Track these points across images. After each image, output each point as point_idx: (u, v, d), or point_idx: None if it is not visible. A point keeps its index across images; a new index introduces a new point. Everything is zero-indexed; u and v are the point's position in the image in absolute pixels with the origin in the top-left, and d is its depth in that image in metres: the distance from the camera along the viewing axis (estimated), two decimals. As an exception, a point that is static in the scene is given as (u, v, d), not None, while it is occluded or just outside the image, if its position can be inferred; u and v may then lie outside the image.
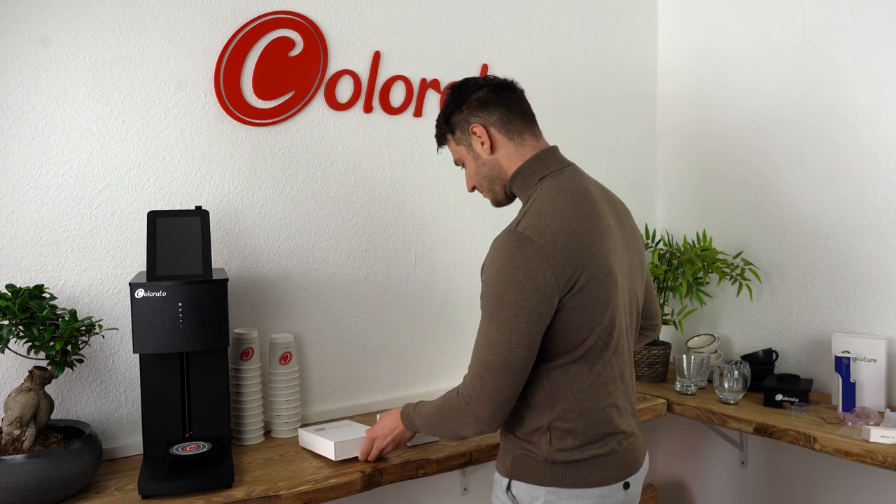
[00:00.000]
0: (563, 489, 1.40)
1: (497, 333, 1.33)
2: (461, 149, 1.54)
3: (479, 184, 1.55)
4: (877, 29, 2.14)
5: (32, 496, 1.43)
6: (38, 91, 1.70)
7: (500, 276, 1.33)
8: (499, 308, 1.33)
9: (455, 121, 1.51)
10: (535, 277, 1.31)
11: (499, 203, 1.58)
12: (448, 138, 1.56)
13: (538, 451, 1.42)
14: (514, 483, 1.46)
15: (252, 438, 1.88)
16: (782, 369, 2.39)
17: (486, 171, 1.51)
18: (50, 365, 1.55)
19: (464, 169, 1.58)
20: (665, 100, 2.78)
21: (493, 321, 1.34)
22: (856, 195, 2.21)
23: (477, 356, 1.37)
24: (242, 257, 1.97)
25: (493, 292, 1.34)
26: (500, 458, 1.52)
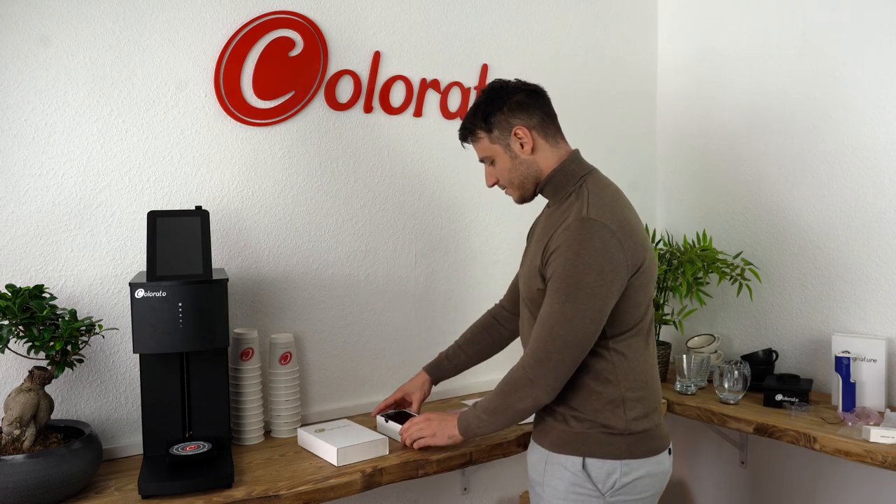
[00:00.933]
0: (633, 460, 1.51)
1: (573, 311, 1.45)
2: (496, 147, 1.61)
3: (510, 181, 1.63)
4: (877, 29, 2.14)
5: (32, 496, 1.43)
6: (38, 91, 1.70)
7: (579, 258, 1.44)
8: (577, 288, 1.45)
9: (495, 121, 1.58)
10: (611, 259, 1.45)
11: (524, 200, 1.68)
12: (481, 136, 1.61)
13: (615, 424, 1.52)
14: (588, 461, 1.52)
15: (252, 438, 1.88)
16: (782, 369, 2.39)
17: (524, 170, 1.61)
18: (50, 365, 1.55)
19: (488, 166, 1.65)
20: (665, 100, 2.78)
21: (570, 300, 1.45)
22: (856, 195, 2.21)
23: (546, 331, 1.47)
24: (242, 257, 1.97)
25: (571, 273, 1.45)
26: (562, 441, 1.55)
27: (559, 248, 1.47)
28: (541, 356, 1.48)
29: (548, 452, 1.57)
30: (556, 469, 1.55)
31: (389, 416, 1.92)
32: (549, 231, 1.55)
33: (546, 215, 1.65)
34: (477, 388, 2.36)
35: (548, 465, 1.57)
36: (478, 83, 2.34)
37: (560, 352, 1.46)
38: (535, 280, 1.56)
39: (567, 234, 1.47)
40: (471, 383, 2.36)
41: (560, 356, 1.47)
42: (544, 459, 1.58)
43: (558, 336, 1.46)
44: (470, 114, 1.63)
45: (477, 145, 1.64)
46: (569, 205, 1.55)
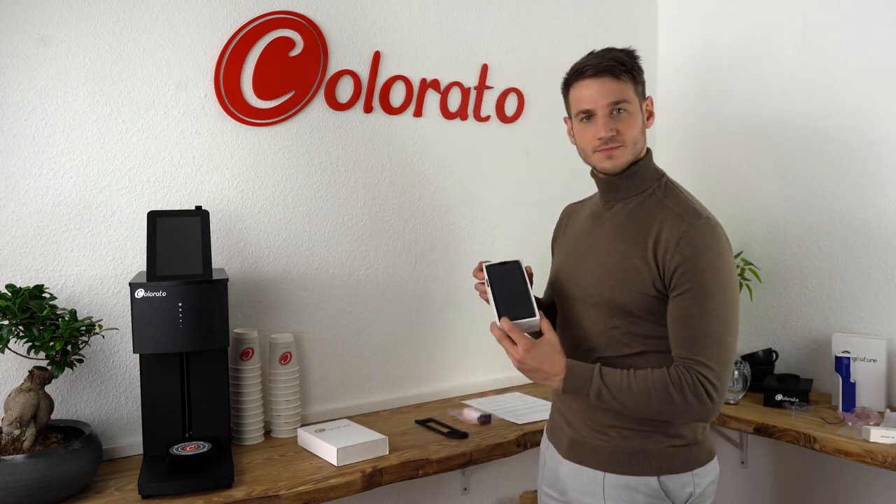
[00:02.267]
0: (700, 468, 1.44)
1: (731, 314, 1.37)
2: (636, 99, 1.45)
3: (634, 139, 1.45)
4: (877, 29, 2.14)
5: (32, 496, 1.43)
6: (38, 91, 1.70)
7: (721, 259, 1.36)
8: (727, 290, 1.36)
9: (641, 79, 1.47)
10: (733, 261, 1.41)
11: (622, 167, 1.46)
12: (628, 81, 1.44)
13: (687, 436, 1.43)
14: (663, 479, 1.41)
15: (252, 438, 1.88)
16: (782, 369, 2.39)
17: (643, 137, 1.49)
18: (50, 365, 1.55)
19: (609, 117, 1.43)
20: (665, 100, 2.78)
21: (726, 303, 1.36)
22: (856, 195, 2.21)
23: (715, 339, 1.34)
24: (242, 257, 1.97)
25: (720, 276, 1.36)
26: (625, 460, 1.43)
27: (696, 252, 1.35)
28: (721, 370, 1.33)
29: (602, 473, 1.43)
30: (623, 493, 1.41)
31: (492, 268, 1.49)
32: (648, 230, 1.41)
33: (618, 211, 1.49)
34: (476, 388, 2.36)
35: (608, 488, 1.43)
36: (478, 83, 2.34)
37: (732, 360, 1.37)
38: (633, 283, 1.40)
39: (696, 234, 1.36)
40: (470, 383, 2.36)
41: (731, 365, 1.37)
42: (598, 482, 1.44)
43: (729, 345, 1.35)
44: (622, 55, 1.45)
45: (619, 85, 1.43)
46: (657, 202, 1.44)
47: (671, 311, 1.38)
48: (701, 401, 1.33)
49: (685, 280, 1.35)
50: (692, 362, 1.34)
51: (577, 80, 1.49)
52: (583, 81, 1.47)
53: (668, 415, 1.38)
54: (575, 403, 1.49)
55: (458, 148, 2.32)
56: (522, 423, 2.01)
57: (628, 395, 1.36)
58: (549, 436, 1.60)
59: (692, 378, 1.33)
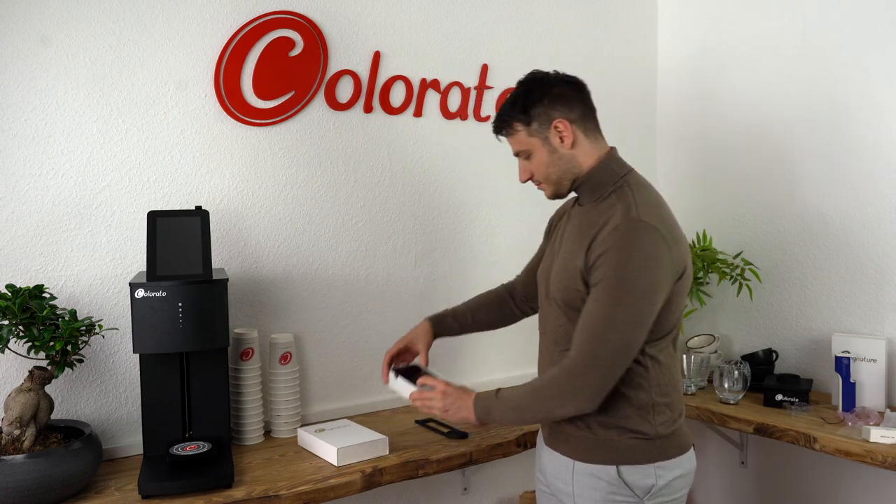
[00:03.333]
0: (666, 461, 1.48)
1: (624, 315, 1.38)
2: (533, 141, 1.52)
3: (545, 177, 1.55)
4: (877, 29, 2.14)
5: (32, 496, 1.43)
6: (38, 91, 1.70)
7: (631, 260, 1.39)
8: (627, 291, 1.38)
9: (535, 113, 1.50)
10: (661, 263, 1.40)
11: (558, 196, 1.59)
12: (518, 129, 1.53)
13: (646, 429, 1.47)
14: (622, 469, 1.46)
15: (252, 438, 1.88)
16: (782, 369, 2.39)
17: (563, 164, 1.53)
18: (50, 365, 1.55)
19: (522, 160, 1.57)
20: (665, 100, 2.78)
21: (620, 303, 1.38)
22: (856, 195, 2.21)
23: (595, 336, 1.40)
24: (242, 257, 1.97)
25: (622, 276, 1.39)
26: (590, 449, 1.49)
27: (609, 250, 1.40)
28: (589, 362, 1.39)
29: (572, 461, 1.50)
30: (588, 479, 1.48)
31: (400, 370, 1.79)
32: (591, 231, 1.47)
33: (580, 213, 1.57)
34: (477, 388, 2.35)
35: (576, 475, 1.50)
36: (478, 83, 2.34)
37: (610, 357, 1.39)
38: (573, 281, 1.47)
39: (617, 234, 1.40)
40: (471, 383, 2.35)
41: (610, 361, 1.39)
42: (569, 469, 1.51)
43: (609, 341, 1.39)
44: (507, 105, 1.54)
45: (513, 138, 1.55)
46: (610, 204, 1.48)
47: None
48: (567, 392, 1.41)
49: (597, 277, 1.42)
50: (567, 353, 1.44)
51: None
52: None
53: (550, 410, 1.46)
54: None
55: (458, 148, 2.32)
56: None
57: (517, 407, 1.48)
58: (540, 424, 1.68)
59: (558, 370, 1.43)
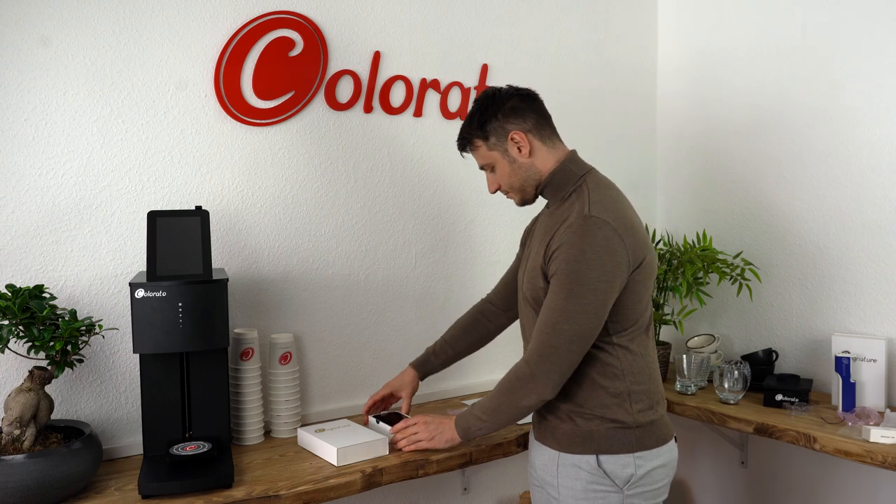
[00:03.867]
0: (645, 451, 1.54)
1: (575, 305, 1.47)
2: (494, 154, 1.62)
3: (510, 186, 1.65)
4: (876, 29, 2.14)
5: (32, 496, 1.43)
6: (38, 91, 1.70)
7: (582, 254, 1.47)
8: (579, 283, 1.47)
9: (491, 128, 1.60)
10: (614, 255, 1.48)
11: (526, 202, 1.69)
12: (478, 144, 1.63)
13: (624, 418, 1.54)
14: (602, 458, 1.53)
15: (252, 438, 1.88)
16: (782, 369, 2.39)
17: (523, 173, 1.63)
18: (50, 365, 1.55)
19: (488, 173, 1.67)
20: (665, 100, 2.78)
21: (572, 295, 1.47)
22: (855, 195, 2.21)
23: (549, 326, 1.49)
24: (242, 257, 1.97)
25: (574, 269, 1.47)
26: (571, 440, 1.56)
27: (562, 246, 1.49)
28: (545, 351, 1.49)
29: (557, 453, 1.58)
30: (570, 469, 1.55)
31: (381, 417, 1.92)
32: (551, 230, 1.56)
33: (546, 215, 1.67)
34: (477, 388, 2.36)
35: (560, 467, 1.57)
36: (478, 83, 2.34)
37: (565, 346, 1.48)
38: (538, 279, 1.57)
39: (570, 231, 1.49)
40: (471, 383, 2.36)
41: (565, 350, 1.48)
42: (555, 460, 1.58)
43: (562, 331, 1.47)
44: (465, 124, 1.65)
45: (476, 153, 1.66)
46: (570, 204, 1.57)
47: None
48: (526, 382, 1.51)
49: (551, 270, 1.52)
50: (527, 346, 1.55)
51: None
52: None
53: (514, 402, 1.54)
54: None
55: (458, 148, 2.32)
56: (522, 423, 2.00)
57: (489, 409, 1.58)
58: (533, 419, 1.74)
59: (519, 363, 1.54)
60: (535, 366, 1.50)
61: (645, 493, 1.54)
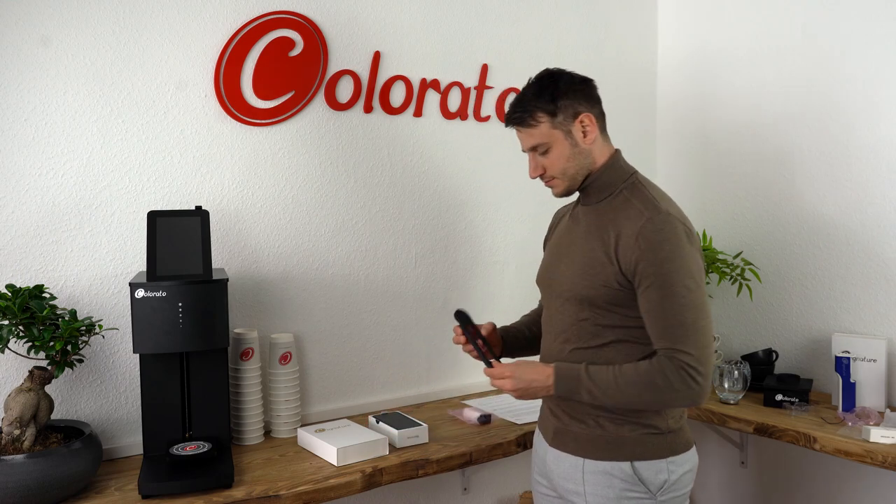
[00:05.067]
0: (676, 457, 1.50)
1: (700, 298, 1.40)
2: (556, 133, 1.50)
3: (563, 171, 1.52)
4: (876, 28, 2.14)
5: (32, 496, 1.43)
6: (38, 91, 1.70)
7: (681, 249, 1.41)
8: (691, 277, 1.40)
9: (562, 105, 1.49)
10: (698, 250, 1.46)
11: (569, 192, 1.57)
12: (542, 120, 1.49)
13: (660, 424, 1.48)
14: (637, 464, 1.47)
15: (252, 438, 1.88)
16: (782, 369, 2.39)
17: (581, 159, 1.52)
18: (50, 365, 1.55)
19: (536, 155, 1.53)
20: (665, 100, 2.78)
21: (693, 289, 1.40)
22: (856, 195, 2.21)
23: (689, 324, 1.39)
24: (242, 257, 1.97)
25: (681, 265, 1.40)
26: (601, 446, 1.48)
27: (652, 246, 1.40)
28: (700, 353, 1.38)
29: (582, 460, 1.49)
30: (601, 477, 1.47)
31: (381, 417, 1.93)
32: (608, 228, 1.47)
33: (589, 212, 1.55)
34: (477, 387, 2.36)
35: (587, 474, 1.49)
36: (478, 83, 2.34)
37: (710, 342, 1.41)
38: (600, 278, 1.46)
39: (652, 228, 1.41)
40: (470, 383, 2.36)
41: (711, 346, 1.41)
42: (579, 468, 1.50)
43: (704, 328, 1.39)
44: (531, 95, 1.50)
45: (532, 130, 1.50)
46: (624, 200, 1.49)
47: (642, 305, 1.44)
48: (687, 386, 1.38)
49: (648, 273, 1.40)
50: (672, 352, 1.39)
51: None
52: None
53: (658, 404, 1.45)
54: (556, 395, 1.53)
55: (458, 148, 2.32)
56: (522, 423, 2.01)
57: (616, 391, 1.42)
58: (539, 426, 1.67)
59: (674, 366, 1.39)
60: (696, 371, 1.38)
61: (675, 498, 1.49)
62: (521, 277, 2.44)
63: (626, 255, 1.42)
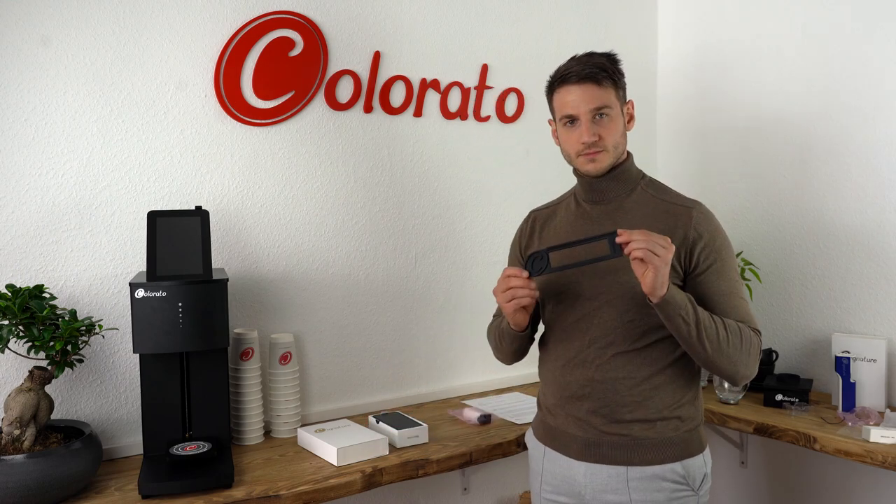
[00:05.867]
0: (706, 449, 1.52)
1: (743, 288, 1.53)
2: (617, 104, 1.51)
3: (615, 144, 1.50)
4: (877, 28, 2.14)
5: (32, 496, 1.43)
6: (38, 91, 1.70)
7: (726, 236, 1.52)
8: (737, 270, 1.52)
9: (622, 83, 1.53)
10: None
11: (610, 167, 1.51)
12: (610, 87, 1.49)
13: (695, 418, 1.52)
14: (686, 463, 1.47)
15: (252, 438, 1.88)
16: (782, 369, 2.39)
17: (623, 141, 1.54)
18: (50, 365, 1.55)
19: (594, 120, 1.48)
20: (665, 100, 2.78)
21: (737, 271, 1.52)
22: (855, 195, 2.21)
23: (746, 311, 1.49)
24: (242, 257, 1.97)
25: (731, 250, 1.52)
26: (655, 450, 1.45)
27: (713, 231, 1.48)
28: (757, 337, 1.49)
29: (626, 468, 1.45)
30: (649, 483, 1.44)
31: (381, 417, 1.94)
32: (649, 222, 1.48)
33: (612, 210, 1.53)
34: (477, 388, 2.36)
35: (632, 482, 1.45)
36: (478, 83, 2.34)
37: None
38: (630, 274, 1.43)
39: (703, 218, 1.49)
40: (470, 383, 2.36)
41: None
42: (623, 477, 1.45)
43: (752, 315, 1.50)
44: (607, 62, 1.50)
45: (603, 92, 1.47)
46: (650, 196, 1.54)
47: (702, 289, 1.47)
48: (757, 357, 1.47)
49: (710, 259, 1.47)
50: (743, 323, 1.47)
51: (561, 86, 1.52)
52: (566, 87, 1.50)
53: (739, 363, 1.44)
54: (589, 403, 1.48)
55: (458, 148, 2.32)
56: (522, 423, 2.01)
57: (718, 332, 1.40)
58: (547, 441, 1.58)
59: (752, 333, 1.47)
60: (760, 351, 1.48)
61: (707, 490, 1.50)
62: (521, 277, 2.44)
63: (688, 246, 1.46)
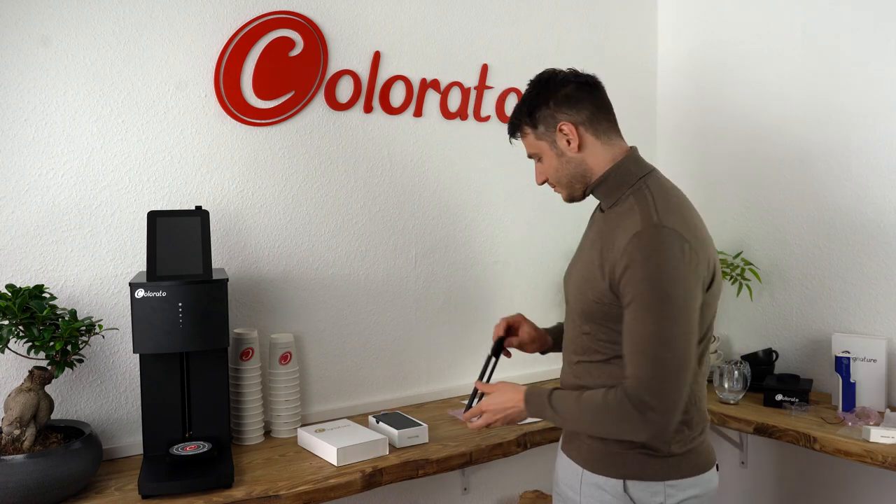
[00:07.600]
0: (679, 480, 1.39)
1: (671, 329, 1.29)
2: (542, 144, 1.48)
3: (557, 179, 1.49)
4: (877, 29, 2.14)
5: (32, 496, 1.43)
6: (38, 91, 1.70)
7: (662, 271, 1.29)
8: (667, 303, 1.29)
9: (540, 116, 1.46)
10: (695, 271, 1.32)
11: (572, 200, 1.53)
12: (527, 132, 1.49)
13: (659, 447, 1.38)
14: (629, 483, 1.39)
15: (252, 438, 1.88)
16: (782, 369, 2.39)
17: (571, 168, 1.47)
18: (50, 365, 1.55)
19: (537, 162, 1.52)
20: (665, 100, 2.78)
21: (665, 317, 1.29)
22: (856, 195, 2.21)
23: (649, 356, 1.29)
24: (242, 257, 1.97)
25: (658, 287, 1.29)
26: (598, 460, 1.43)
27: (635, 262, 1.31)
28: (655, 387, 1.29)
29: (581, 470, 1.45)
30: (594, 490, 1.42)
31: (381, 417, 1.94)
32: (608, 238, 1.39)
33: (600, 219, 1.49)
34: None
35: (584, 485, 1.44)
36: (478, 83, 2.34)
37: (674, 377, 1.29)
38: (592, 292, 1.40)
39: (639, 243, 1.31)
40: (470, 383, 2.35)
41: (675, 381, 1.29)
42: (578, 477, 1.45)
43: (665, 361, 1.29)
44: (516, 108, 1.51)
45: (524, 141, 1.51)
46: (628, 208, 1.39)
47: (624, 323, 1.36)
48: (638, 420, 1.30)
49: (627, 291, 1.32)
50: (627, 379, 1.32)
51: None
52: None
53: (613, 435, 1.37)
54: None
55: (459, 148, 2.32)
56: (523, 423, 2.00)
57: (577, 418, 1.39)
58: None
59: (623, 395, 1.31)
60: (647, 405, 1.28)
61: None
62: (521, 278, 2.44)
63: (615, 269, 1.34)
